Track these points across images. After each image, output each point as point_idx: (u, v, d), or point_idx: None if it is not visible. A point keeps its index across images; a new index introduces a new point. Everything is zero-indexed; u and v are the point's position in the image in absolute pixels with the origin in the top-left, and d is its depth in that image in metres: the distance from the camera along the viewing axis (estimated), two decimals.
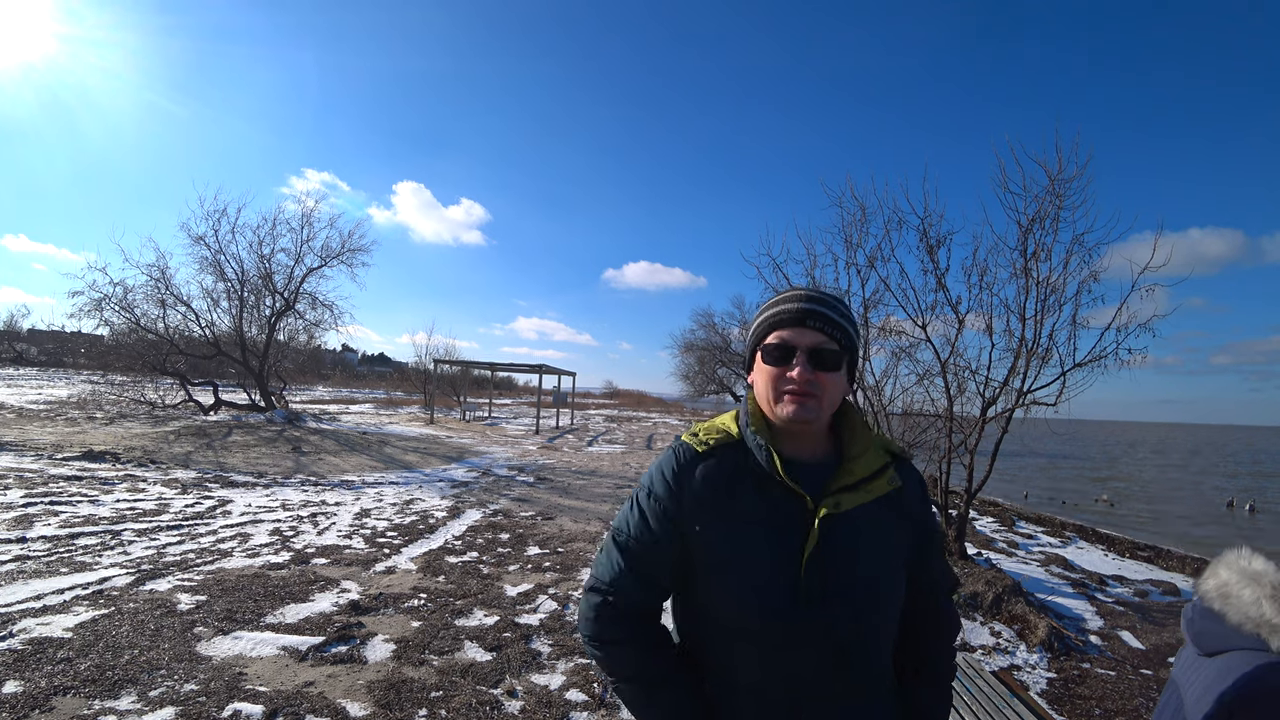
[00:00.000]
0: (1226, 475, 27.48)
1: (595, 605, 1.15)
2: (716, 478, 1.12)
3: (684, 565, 1.14)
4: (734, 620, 1.08)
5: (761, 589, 1.06)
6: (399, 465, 11.74)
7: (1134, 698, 3.81)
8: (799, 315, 1.10)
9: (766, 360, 1.12)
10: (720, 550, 1.09)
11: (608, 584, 1.15)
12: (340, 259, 19.29)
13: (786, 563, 1.06)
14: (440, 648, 3.79)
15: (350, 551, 5.69)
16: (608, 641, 1.13)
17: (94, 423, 13.53)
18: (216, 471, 9.45)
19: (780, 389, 1.09)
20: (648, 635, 1.15)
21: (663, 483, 1.15)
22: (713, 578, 1.10)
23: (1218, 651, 1.09)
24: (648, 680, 1.12)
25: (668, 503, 1.13)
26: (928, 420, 7.41)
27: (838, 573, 1.06)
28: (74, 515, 6.11)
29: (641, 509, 1.16)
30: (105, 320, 16.68)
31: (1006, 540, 8.78)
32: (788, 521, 1.08)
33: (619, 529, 1.19)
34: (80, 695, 2.91)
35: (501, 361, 29.51)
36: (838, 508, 1.07)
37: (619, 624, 1.13)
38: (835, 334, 1.10)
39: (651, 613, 1.17)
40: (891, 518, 1.14)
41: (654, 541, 1.13)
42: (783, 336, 1.11)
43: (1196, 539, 11.47)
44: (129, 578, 4.52)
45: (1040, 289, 5.98)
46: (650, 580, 1.15)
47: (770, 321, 1.14)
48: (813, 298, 1.13)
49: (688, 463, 1.15)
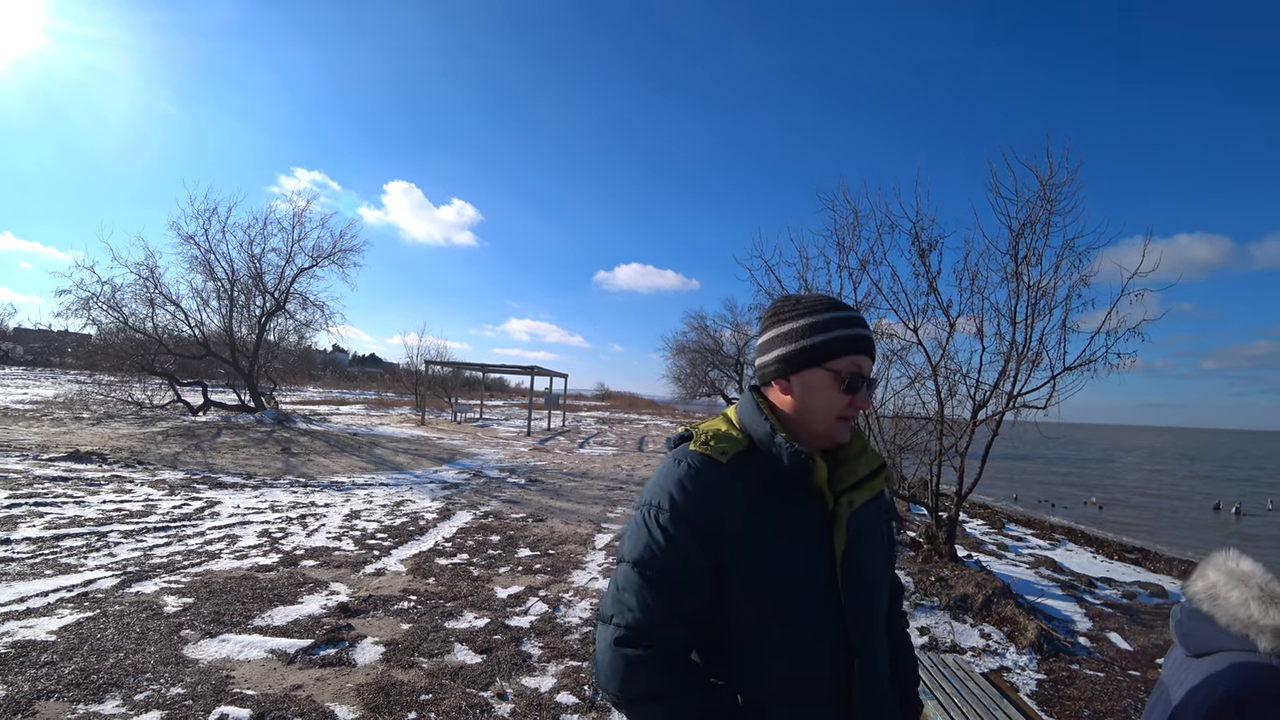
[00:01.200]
0: (1213, 479, 27.75)
1: (632, 659, 0.98)
2: (746, 489, 1.06)
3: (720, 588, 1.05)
4: (776, 638, 1.03)
5: (804, 597, 1.03)
6: (389, 467, 11.68)
7: (1122, 699, 3.83)
8: (868, 343, 1.12)
9: (845, 387, 1.09)
10: (755, 566, 1.03)
11: (646, 629, 0.99)
12: (331, 259, 19.19)
13: (820, 567, 1.06)
14: (430, 650, 3.77)
15: (340, 553, 5.65)
16: (659, 697, 0.98)
17: (80, 423, 13.39)
18: (205, 473, 9.37)
19: (844, 414, 1.10)
20: (692, 679, 1.02)
21: (686, 499, 1.03)
22: (750, 596, 1.03)
23: (1206, 652, 1.10)
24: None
25: (698, 521, 1.02)
26: (919, 423, 7.44)
27: (864, 571, 1.09)
28: (59, 516, 6.04)
29: (668, 533, 1.02)
30: (93, 319, 16.54)
31: (996, 542, 8.83)
32: (816, 524, 1.08)
33: (643, 561, 1.03)
34: (64, 699, 2.88)
35: (493, 363, 29.43)
36: (853, 506, 1.09)
37: (664, 673, 0.99)
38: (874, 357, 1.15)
39: (683, 647, 1.05)
40: (882, 514, 1.21)
41: (686, 568, 1.02)
42: (858, 364, 1.10)
43: (1184, 541, 11.57)
44: (115, 580, 4.47)
45: (1031, 293, 6.02)
46: (690, 615, 1.03)
47: (849, 344, 1.09)
48: (864, 322, 1.14)
49: (711, 475, 1.05)
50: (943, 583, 5.42)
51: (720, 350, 29.55)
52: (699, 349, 31.19)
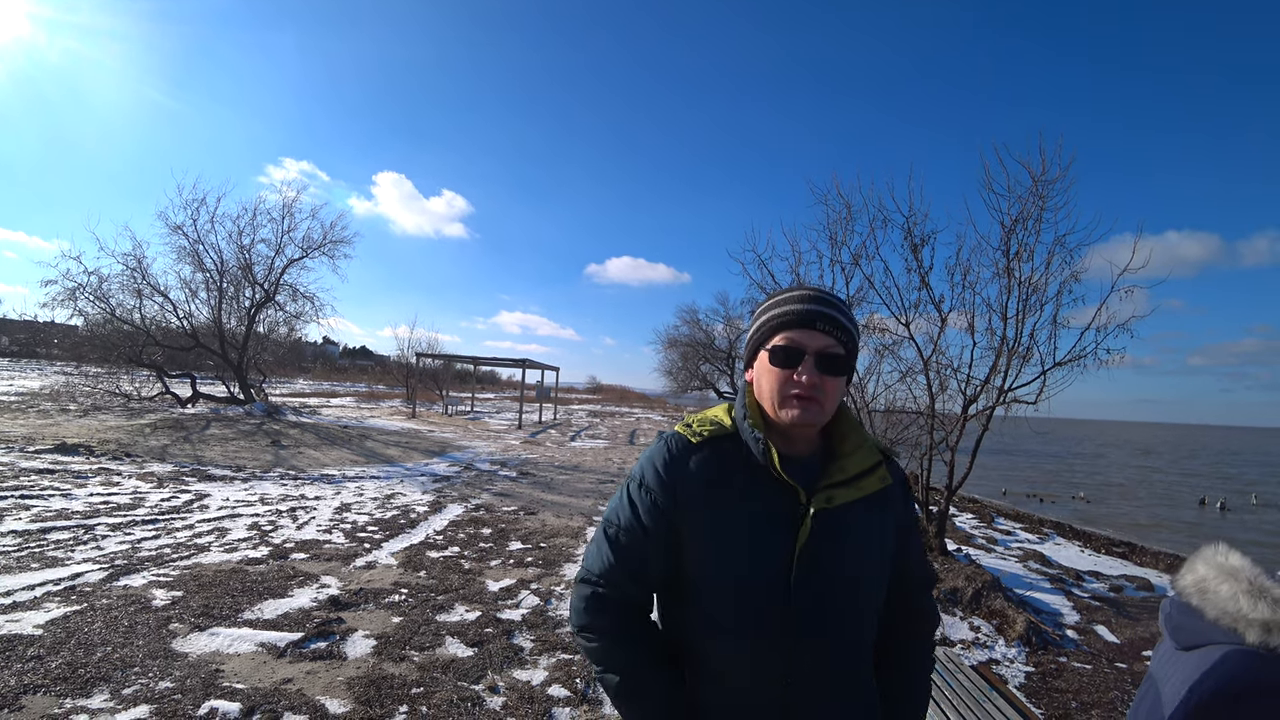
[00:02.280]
0: (1200, 474, 28.08)
1: (585, 596, 1.15)
2: (709, 469, 1.11)
3: (673, 557, 1.13)
4: (722, 613, 1.08)
5: (752, 582, 1.06)
6: (380, 459, 11.64)
7: (1109, 690, 3.87)
8: (808, 317, 1.08)
9: (773, 361, 1.10)
10: (712, 542, 1.08)
11: (597, 575, 1.15)
12: (322, 250, 19.01)
13: (777, 556, 1.06)
14: (421, 643, 3.76)
15: (330, 546, 5.63)
16: (595, 632, 1.13)
17: (67, 415, 13.26)
18: (194, 465, 9.31)
19: (786, 392, 1.08)
20: (635, 628, 1.15)
21: (654, 473, 1.13)
22: (703, 570, 1.09)
23: (1195, 646, 1.10)
24: (632, 672, 1.12)
25: (659, 494, 1.12)
26: (910, 417, 7.48)
27: (828, 568, 1.06)
28: (46, 509, 5.98)
29: (632, 500, 1.15)
30: (79, 310, 16.31)
31: (986, 536, 8.89)
32: (780, 516, 1.07)
33: (609, 520, 1.17)
34: (51, 694, 2.85)
35: (484, 355, 29.35)
36: (830, 503, 1.07)
37: (607, 615, 1.13)
38: (842, 337, 1.09)
39: (640, 605, 1.17)
40: (879, 515, 1.14)
41: (644, 534, 1.12)
42: (791, 338, 1.09)
43: (1170, 536, 11.70)
44: (102, 573, 4.43)
45: (1022, 289, 6.05)
46: (639, 573, 1.14)
47: (777, 321, 1.11)
48: (821, 299, 1.11)
49: (680, 453, 1.13)
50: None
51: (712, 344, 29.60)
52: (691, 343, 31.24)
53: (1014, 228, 6.08)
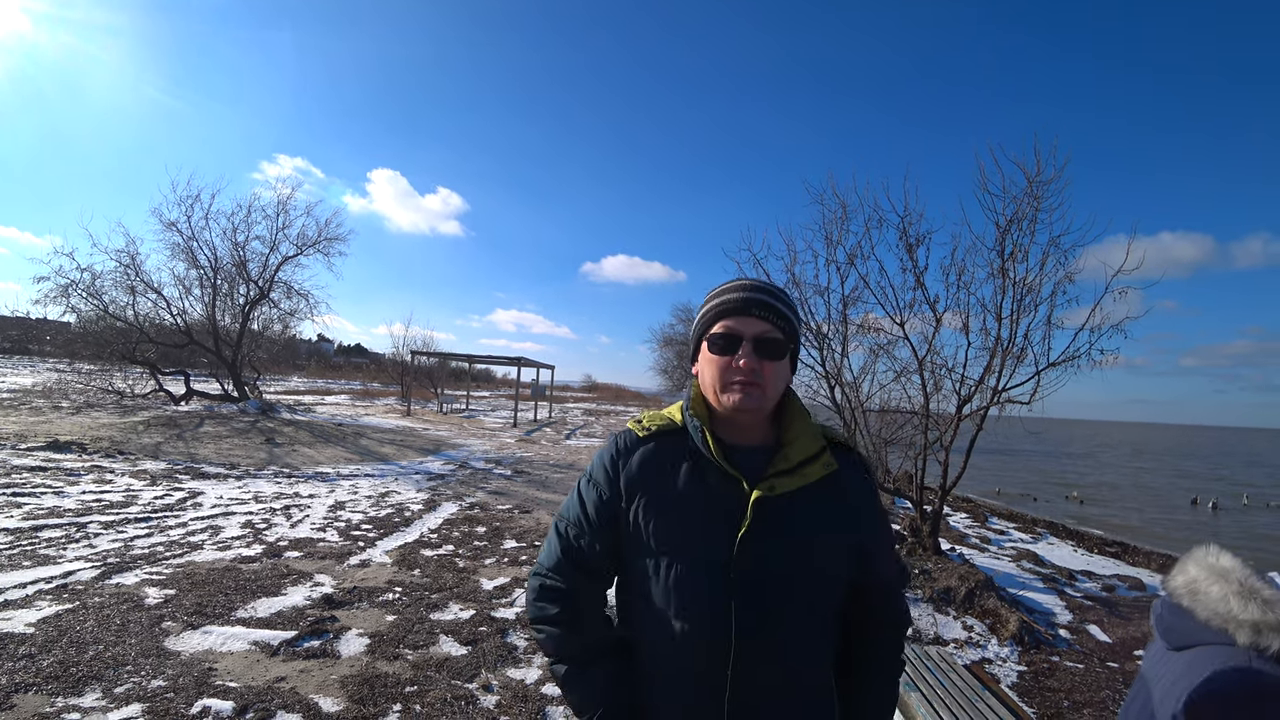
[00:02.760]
0: (1192, 474, 28.23)
1: (535, 588, 1.19)
2: (654, 462, 1.15)
3: (622, 549, 1.16)
4: (664, 603, 1.09)
5: (693, 571, 1.07)
6: (375, 457, 11.61)
7: (1101, 690, 3.89)
8: (744, 304, 1.11)
9: (712, 349, 1.13)
10: (654, 532, 1.11)
11: (548, 569, 1.19)
12: (317, 247, 18.96)
13: (719, 546, 1.06)
14: (415, 642, 3.76)
15: (324, 544, 5.61)
16: (545, 623, 1.17)
17: (60, 412, 13.18)
18: (187, 463, 9.27)
19: (727, 378, 1.11)
20: (581, 618, 1.17)
21: (601, 469, 1.18)
22: (646, 560, 1.11)
23: (1186, 646, 1.11)
24: (577, 661, 1.15)
25: (605, 488, 1.16)
26: (904, 417, 7.49)
27: (769, 557, 1.06)
28: (38, 507, 5.95)
29: (581, 496, 1.19)
30: (72, 307, 16.23)
31: (979, 536, 8.93)
32: (723, 505, 1.08)
33: (561, 515, 1.22)
34: (42, 692, 2.84)
35: (479, 353, 29.30)
36: (772, 491, 1.07)
37: (556, 607, 1.16)
38: (779, 323, 1.11)
39: (588, 597, 1.19)
40: (829, 504, 1.11)
41: (591, 527, 1.16)
42: (728, 326, 1.12)
43: (1162, 535, 11.76)
44: (94, 571, 4.41)
45: (1017, 289, 6.07)
46: (585, 565, 1.17)
47: (716, 311, 1.14)
48: (757, 287, 1.14)
49: (627, 448, 1.17)
50: (926, 575, 5.48)
51: None
52: (686, 341, 31.29)
53: (1009, 228, 6.09)
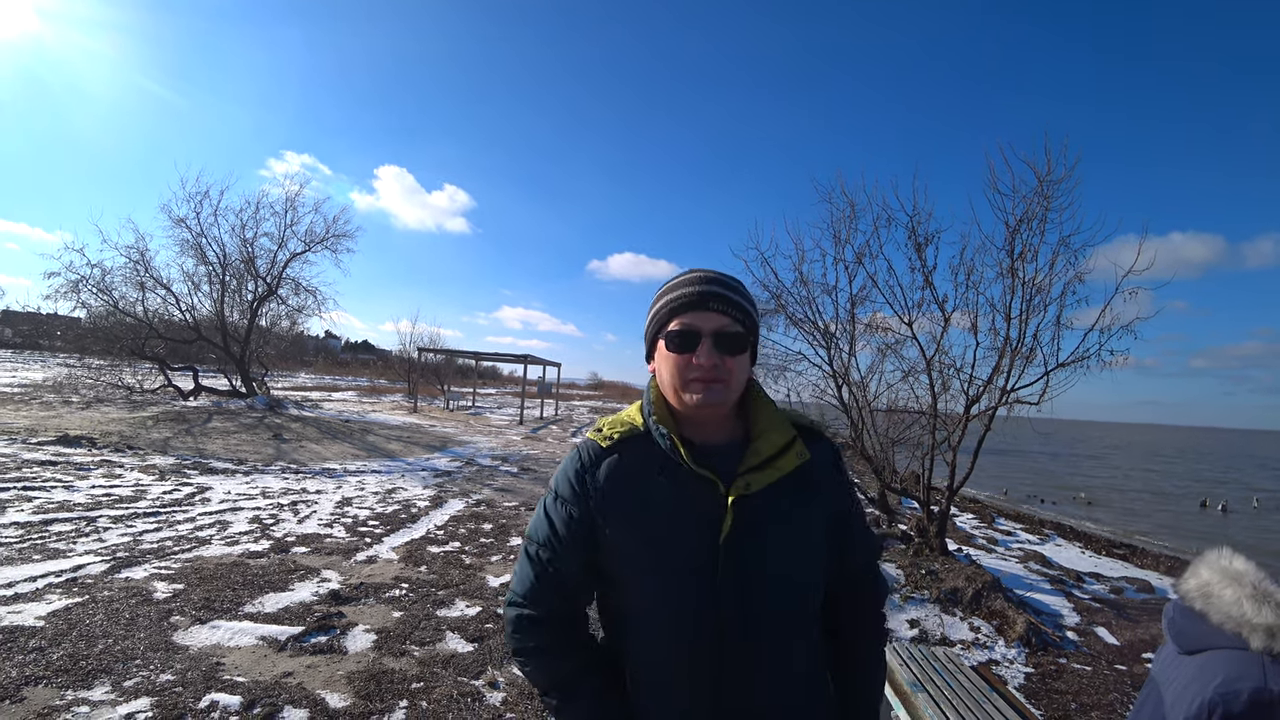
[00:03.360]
0: (1201, 476, 28.03)
1: (512, 619, 1.13)
2: (622, 473, 1.09)
3: (599, 566, 1.11)
4: (650, 618, 1.06)
5: (676, 581, 1.03)
6: (381, 454, 11.65)
7: (1109, 692, 3.87)
8: (700, 298, 1.06)
9: (670, 347, 1.07)
10: (633, 546, 1.06)
11: (522, 596, 1.13)
12: (325, 244, 19.05)
13: (702, 551, 1.03)
14: (421, 638, 3.77)
15: (331, 540, 5.64)
16: (528, 654, 1.11)
17: (70, 407, 13.29)
18: (195, 458, 9.32)
19: (687, 376, 1.06)
20: (564, 643, 1.13)
21: (567, 485, 1.12)
22: (628, 575, 1.07)
23: (1198, 650, 1.10)
24: (565, 688, 1.10)
25: (573, 505, 1.10)
26: (912, 417, 7.47)
27: (755, 558, 1.03)
28: (48, 501, 5.99)
29: (549, 515, 1.13)
30: (82, 302, 16.36)
31: (986, 537, 8.89)
32: (700, 509, 1.04)
33: (529, 538, 1.16)
34: (52, 685, 2.86)
35: (486, 351, 29.37)
36: (748, 489, 1.04)
37: (537, 636, 1.11)
38: (738, 315, 1.07)
39: (570, 620, 1.15)
40: (806, 493, 1.09)
41: (563, 547, 1.10)
42: (685, 322, 1.06)
43: (1171, 537, 11.69)
44: (104, 565, 4.44)
45: (1026, 289, 6.03)
46: (561, 588, 1.12)
47: (670, 306, 1.09)
48: (713, 279, 1.09)
49: (592, 461, 1.11)
50: (933, 576, 5.46)
51: None
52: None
53: (1018, 228, 6.05)
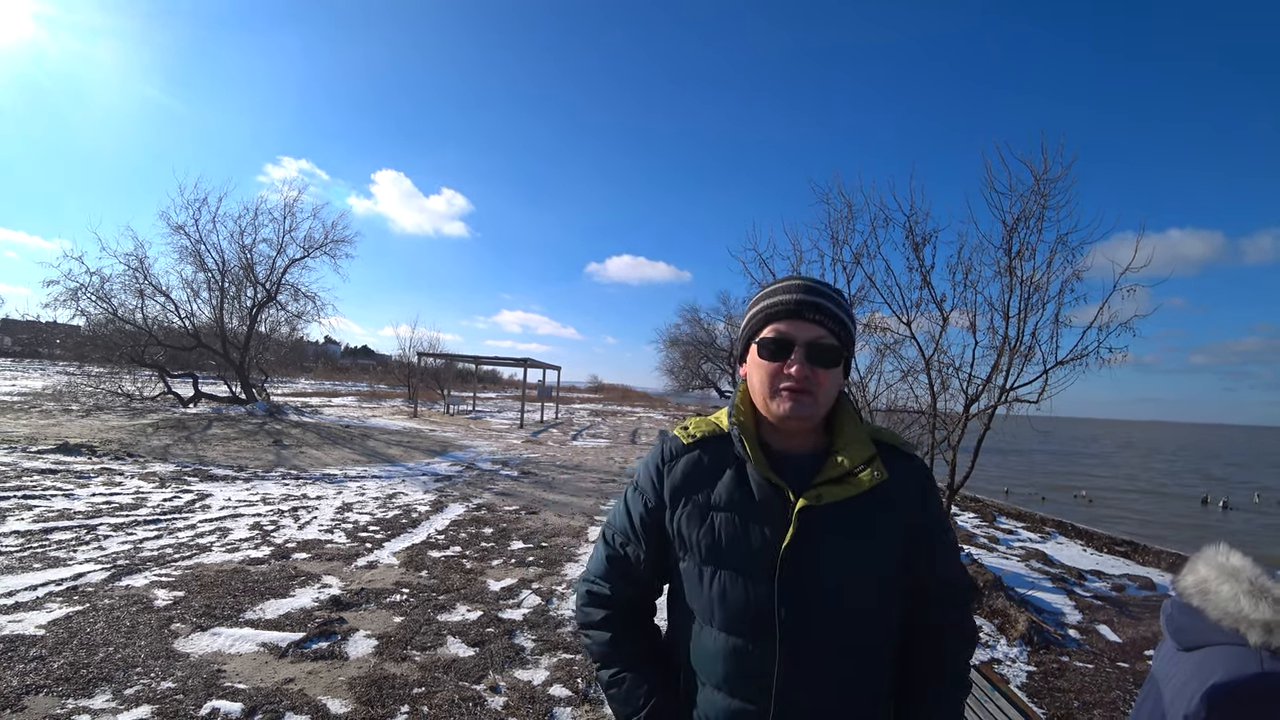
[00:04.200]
0: (1202, 473, 28.02)
1: (582, 594, 1.21)
2: (699, 469, 1.12)
3: (667, 557, 1.16)
4: (709, 615, 1.07)
5: (736, 583, 1.04)
6: (382, 459, 11.64)
7: (1111, 690, 3.86)
8: (797, 307, 1.05)
9: (762, 354, 1.07)
10: (697, 540, 1.08)
11: (594, 575, 1.21)
12: (323, 250, 19.04)
13: (764, 556, 1.03)
14: (422, 643, 3.76)
15: (332, 546, 5.63)
16: (592, 629, 1.18)
17: (70, 415, 13.28)
18: (195, 465, 9.32)
19: (777, 385, 1.05)
20: (627, 625, 1.19)
21: (647, 476, 1.17)
22: (691, 568, 1.10)
23: (1197, 646, 1.10)
24: (622, 670, 1.15)
25: (650, 495, 1.15)
26: (911, 416, 7.46)
27: (814, 569, 1.02)
28: (48, 509, 5.99)
29: (628, 504, 1.20)
30: (82, 310, 16.36)
31: (988, 536, 8.88)
32: (768, 514, 1.04)
33: (609, 523, 1.24)
34: (53, 694, 2.86)
35: (486, 355, 29.36)
36: (819, 500, 1.03)
37: (603, 614, 1.18)
38: (835, 328, 1.06)
39: (634, 604, 1.21)
40: (879, 512, 1.06)
41: (636, 536, 1.17)
42: (780, 330, 1.05)
43: (1172, 534, 11.67)
44: (104, 573, 4.44)
45: (1024, 287, 6.02)
46: (630, 573, 1.18)
47: (767, 313, 1.08)
48: (811, 288, 1.07)
49: (672, 455, 1.15)
50: None
51: (714, 343, 29.59)
52: (692, 341, 31.26)
53: (1016, 226, 6.05)
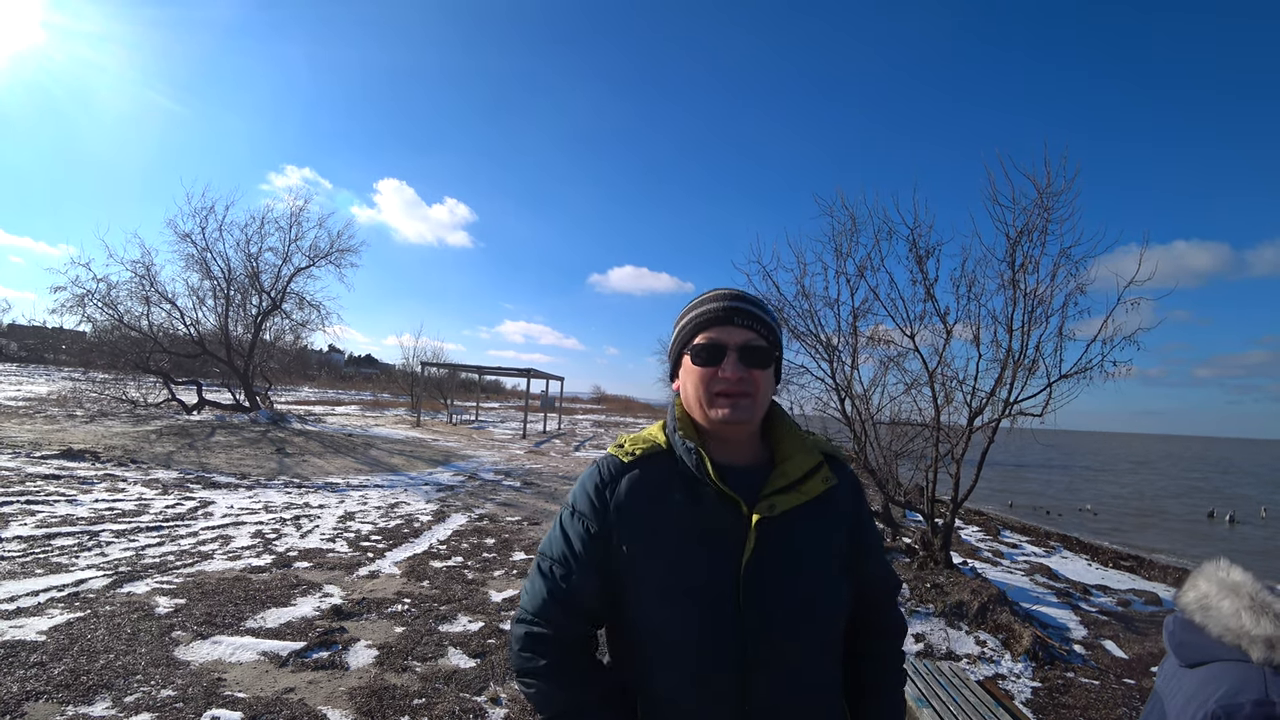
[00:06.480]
0: (1207, 487, 27.84)
1: (519, 636, 1.08)
2: (644, 489, 1.07)
3: (614, 586, 1.07)
4: (667, 642, 1.02)
5: (696, 604, 1.00)
6: (384, 468, 11.64)
7: (1117, 707, 3.83)
8: (726, 314, 1.08)
9: (696, 361, 1.08)
10: (651, 565, 1.03)
11: (532, 614, 1.09)
12: (329, 259, 19.19)
13: (723, 572, 1.00)
14: (423, 654, 3.75)
15: (333, 555, 5.63)
16: (534, 675, 1.06)
17: (74, 421, 13.33)
18: (198, 472, 9.33)
19: (712, 390, 1.06)
20: (576, 667, 1.08)
21: (586, 500, 1.09)
22: (645, 595, 1.03)
23: (1199, 663, 1.09)
24: (574, 715, 1.05)
25: (592, 521, 1.07)
26: (915, 429, 7.45)
27: (777, 582, 1.01)
28: (51, 515, 6.00)
29: (565, 530, 1.10)
30: (88, 316, 16.49)
31: (992, 549, 8.83)
32: (723, 529, 1.02)
33: (543, 553, 1.12)
34: (53, 700, 2.85)
35: (489, 365, 29.40)
36: (773, 510, 1.02)
37: (545, 656, 1.06)
38: (763, 331, 1.08)
39: (581, 642, 1.10)
40: (827, 519, 1.09)
41: (579, 564, 1.07)
42: (711, 336, 1.07)
43: (1178, 549, 11.59)
44: (106, 580, 4.44)
45: (1027, 301, 6.03)
46: (576, 607, 1.07)
47: (696, 322, 1.10)
48: (738, 295, 1.11)
49: (612, 476, 1.09)
50: (938, 589, 5.42)
51: None
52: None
53: (1019, 239, 6.06)
